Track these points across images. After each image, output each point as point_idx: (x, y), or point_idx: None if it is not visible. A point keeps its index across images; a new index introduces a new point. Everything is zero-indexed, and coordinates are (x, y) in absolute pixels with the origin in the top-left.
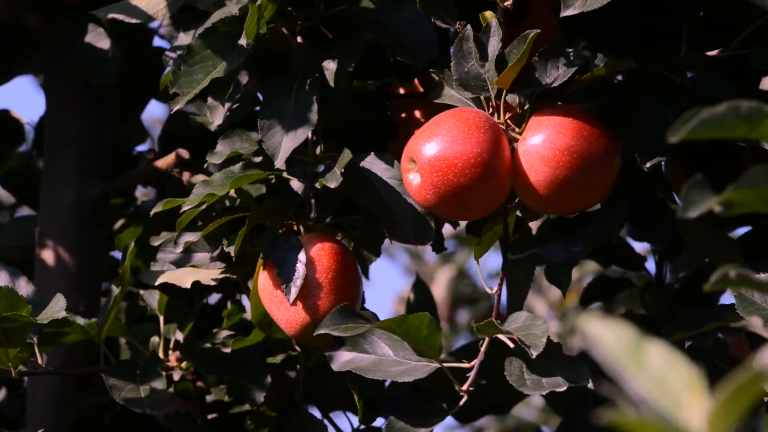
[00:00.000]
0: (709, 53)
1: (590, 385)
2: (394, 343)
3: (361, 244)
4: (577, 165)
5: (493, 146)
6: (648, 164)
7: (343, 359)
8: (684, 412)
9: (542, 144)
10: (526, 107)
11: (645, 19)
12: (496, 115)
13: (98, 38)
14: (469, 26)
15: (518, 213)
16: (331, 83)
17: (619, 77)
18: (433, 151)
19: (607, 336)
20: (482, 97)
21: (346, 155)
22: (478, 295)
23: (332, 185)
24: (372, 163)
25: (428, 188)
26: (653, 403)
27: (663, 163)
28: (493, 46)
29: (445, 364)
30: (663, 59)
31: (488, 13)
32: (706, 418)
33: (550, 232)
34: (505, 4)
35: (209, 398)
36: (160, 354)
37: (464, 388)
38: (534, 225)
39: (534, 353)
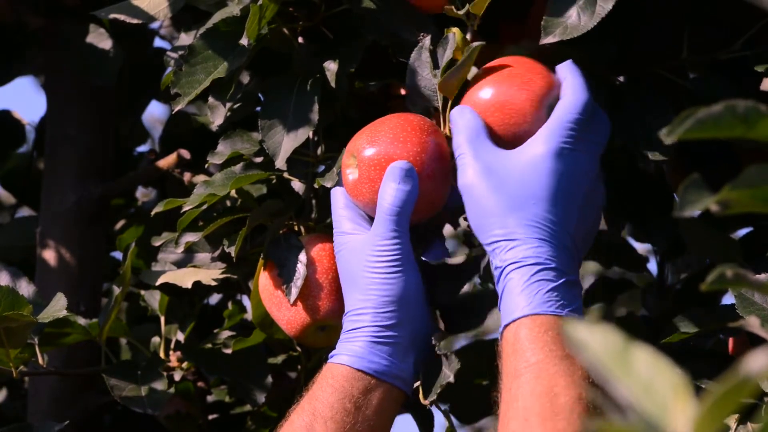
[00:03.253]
0: (711, 55)
1: None
2: None
3: None
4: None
5: (432, 149)
6: (649, 162)
7: None
8: (670, 417)
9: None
10: None
11: (646, 21)
12: (442, 126)
13: (99, 39)
14: (428, 37)
15: None
16: (332, 84)
17: (620, 78)
18: (373, 149)
19: (594, 341)
20: (431, 107)
21: None
22: None
23: (329, 185)
24: None
25: (365, 183)
26: (640, 408)
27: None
28: (446, 56)
29: None
30: (664, 61)
31: (454, 29)
32: (692, 422)
33: None
34: (473, 23)
35: (210, 398)
36: (161, 354)
37: None
38: None
39: None
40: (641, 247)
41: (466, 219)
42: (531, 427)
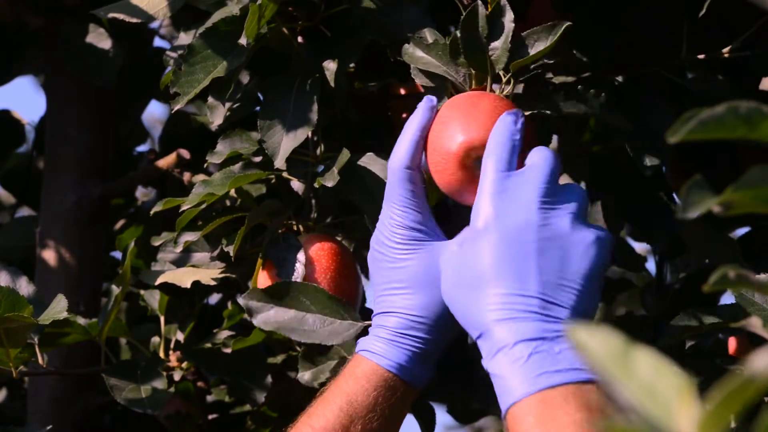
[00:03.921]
0: (710, 54)
1: None
2: (316, 299)
3: (361, 245)
4: None
5: None
6: (648, 165)
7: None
8: (674, 419)
9: None
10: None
11: (645, 20)
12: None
13: (99, 38)
14: (479, 1)
15: None
16: (332, 83)
17: (619, 78)
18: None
19: (595, 343)
20: (468, 73)
21: (345, 155)
22: None
23: (329, 184)
24: (369, 162)
25: None
26: (643, 410)
27: None
28: (507, 27)
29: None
30: (663, 60)
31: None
32: (696, 424)
33: None
34: None
35: (210, 398)
36: (161, 354)
37: None
38: None
39: None
40: (640, 247)
41: None
42: None
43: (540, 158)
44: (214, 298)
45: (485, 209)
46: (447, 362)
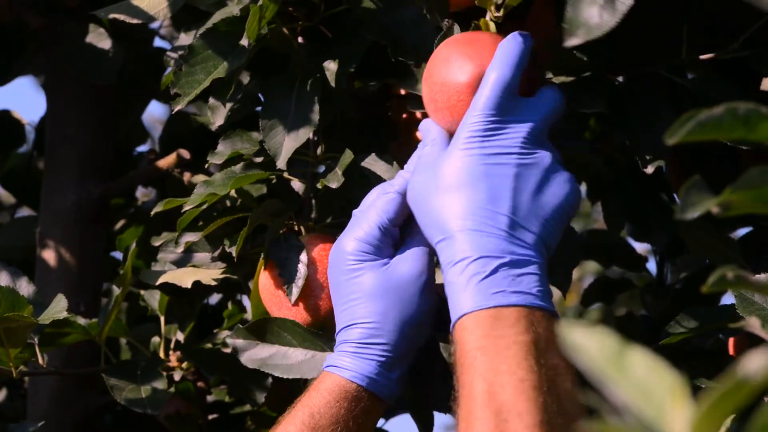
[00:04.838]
0: (710, 55)
1: None
2: (296, 333)
3: None
4: None
5: None
6: (648, 165)
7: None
8: (667, 420)
9: None
10: None
11: (645, 20)
12: None
13: (99, 38)
14: (456, 25)
15: None
16: (332, 83)
17: (620, 78)
18: None
19: (590, 344)
20: None
21: (348, 156)
22: None
23: (334, 185)
24: (372, 163)
25: None
26: (636, 410)
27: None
28: None
29: None
30: (663, 60)
31: (482, 21)
32: (689, 425)
33: None
34: (496, 15)
35: (210, 398)
36: (161, 354)
37: None
38: None
39: None
40: (640, 247)
41: None
42: None
43: (550, 97)
44: (214, 298)
45: (475, 124)
46: (447, 372)
